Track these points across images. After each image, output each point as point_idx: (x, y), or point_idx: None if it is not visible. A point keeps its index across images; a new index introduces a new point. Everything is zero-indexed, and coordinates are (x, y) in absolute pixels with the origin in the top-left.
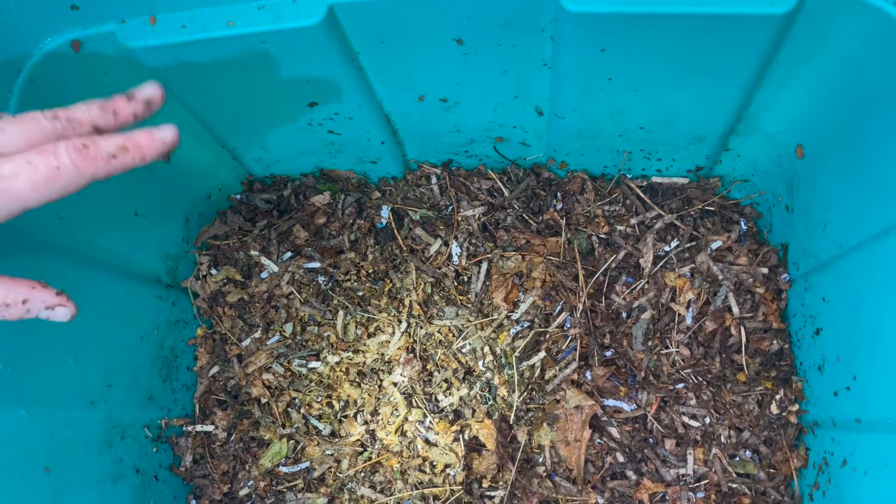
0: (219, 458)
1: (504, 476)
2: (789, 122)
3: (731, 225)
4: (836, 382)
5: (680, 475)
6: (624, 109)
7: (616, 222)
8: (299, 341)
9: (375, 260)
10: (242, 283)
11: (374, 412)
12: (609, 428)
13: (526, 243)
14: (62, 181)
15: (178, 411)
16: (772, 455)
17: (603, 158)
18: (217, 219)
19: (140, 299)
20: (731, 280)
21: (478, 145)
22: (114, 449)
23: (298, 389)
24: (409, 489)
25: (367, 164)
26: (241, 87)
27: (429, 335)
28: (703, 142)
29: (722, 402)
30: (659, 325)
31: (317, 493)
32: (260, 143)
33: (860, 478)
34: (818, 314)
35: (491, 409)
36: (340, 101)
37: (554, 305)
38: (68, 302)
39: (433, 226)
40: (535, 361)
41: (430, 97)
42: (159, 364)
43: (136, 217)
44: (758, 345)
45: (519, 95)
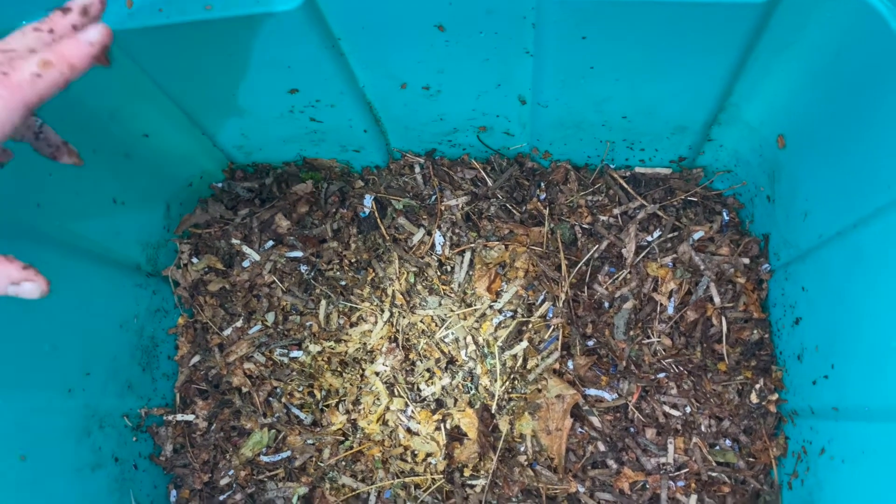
0: (199, 447)
1: (485, 465)
2: (771, 112)
3: (714, 215)
4: (815, 371)
5: (660, 464)
6: (606, 98)
7: (599, 212)
8: (281, 331)
9: (358, 249)
10: (224, 271)
11: (356, 401)
12: (590, 417)
13: (509, 233)
14: None
15: (158, 400)
16: (751, 444)
17: (586, 148)
18: (198, 207)
19: (119, 287)
20: (712, 270)
21: (461, 134)
22: (92, 437)
23: (280, 379)
24: (391, 478)
25: (350, 153)
26: (220, 73)
27: (411, 325)
28: (686, 132)
29: (702, 391)
30: (641, 315)
31: (298, 483)
32: (241, 131)
33: (838, 466)
34: (798, 304)
35: (473, 399)
36: (322, 88)
37: (537, 295)
38: (37, 276)
39: (416, 215)
40: (518, 351)
41: (413, 85)
42: (139, 353)
43: (114, 204)
44: (738, 334)
45: (502, 84)
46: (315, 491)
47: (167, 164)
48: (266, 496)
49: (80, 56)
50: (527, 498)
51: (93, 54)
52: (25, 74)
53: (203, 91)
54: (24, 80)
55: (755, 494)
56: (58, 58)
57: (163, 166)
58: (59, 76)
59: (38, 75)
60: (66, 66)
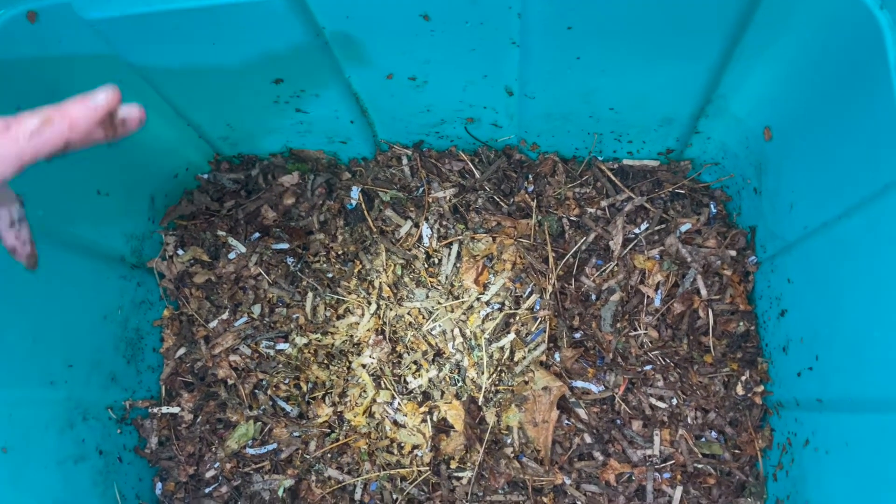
0: (185, 439)
1: (472, 457)
2: (757, 104)
3: (701, 208)
4: (800, 363)
5: (646, 456)
6: (593, 90)
7: (587, 205)
8: (267, 323)
9: (345, 241)
10: (209, 263)
11: (343, 394)
12: (577, 409)
13: (497, 225)
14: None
15: (142, 393)
16: (737, 436)
17: (574, 140)
18: (184, 198)
19: (103, 278)
20: (699, 263)
21: (449, 126)
22: (75, 429)
23: (266, 371)
24: (377, 470)
25: (336, 145)
26: (204, 63)
27: (398, 317)
28: (673, 124)
29: (689, 383)
30: (628, 308)
31: (283, 475)
32: (226, 121)
33: (822, 457)
34: (783, 296)
35: (460, 391)
36: (307, 77)
37: (524, 287)
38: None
39: (404, 207)
40: (505, 343)
41: (399, 75)
42: (123, 345)
43: (98, 195)
44: (725, 326)
45: (488, 75)
46: (301, 483)
47: (152, 155)
48: (252, 488)
49: (83, 116)
50: (513, 490)
51: (96, 118)
52: (25, 129)
53: (187, 81)
54: (22, 134)
55: (741, 486)
56: (60, 116)
57: (147, 157)
58: (59, 135)
59: (38, 132)
60: (66, 124)
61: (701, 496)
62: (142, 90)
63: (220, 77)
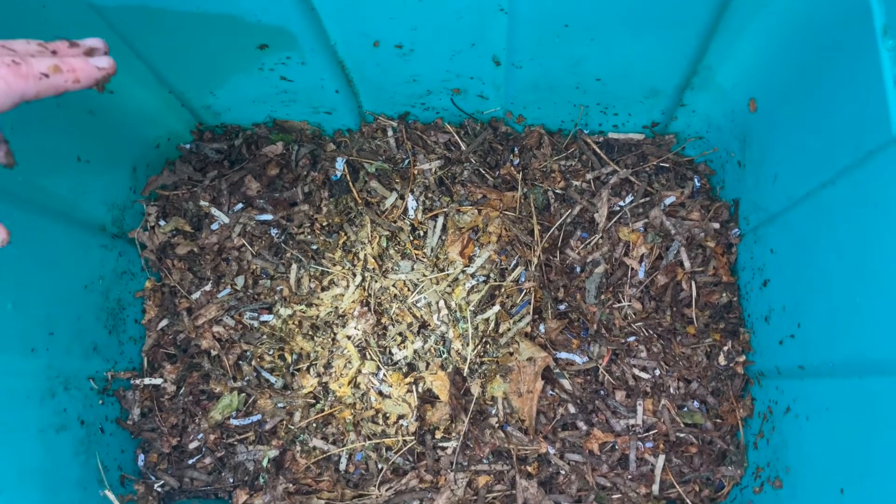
0: (168, 411)
1: (457, 427)
2: (743, 75)
3: (685, 181)
4: (782, 331)
5: (629, 425)
6: (581, 59)
7: (572, 177)
8: (251, 294)
9: (330, 213)
10: (192, 234)
11: (328, 365)
12: (561, 380)
13: (482, 198)
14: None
15: (124, 364)
16: (719, 405)
17: (560, 112)
18: (165, 168)
19: (84, 247)
20: (683, 235)
21: (435, 97)
22: (57, 399)
23: (250, 342)
24: (362, 440)
25: (321, 115)
26: (187, 25)
27: (384, 289)
28: (659, 95)
29: (672, 354)
30: (612, 280)
31: (268, 446)
32: (209, 89)
33: (802, 423)
34: (766, 266)
35: (445, 362)
36: (292, 44)
37: (509, 260)
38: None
39: (389, 179)
40: (490, 315)
41: (386, 43)
42: (104, 315)
43: (79, 162)
44: (707, 298)
45: (476, 43)
46: (286, 454)
47: (133, 122)
48: (236, 459)
49: (86, 74)
50: (497, 459)
51: (97, 77)
52: (35, 70)
53: (169, 44)
54: (32, 75)
55: (722, 455)
56: (67, 68)
57: (128, 125)
58: (62, 83)
59: (46, 76)
60: (71, 77)
61: (683, 464)
62: (123, 53)
63: (205, 41)
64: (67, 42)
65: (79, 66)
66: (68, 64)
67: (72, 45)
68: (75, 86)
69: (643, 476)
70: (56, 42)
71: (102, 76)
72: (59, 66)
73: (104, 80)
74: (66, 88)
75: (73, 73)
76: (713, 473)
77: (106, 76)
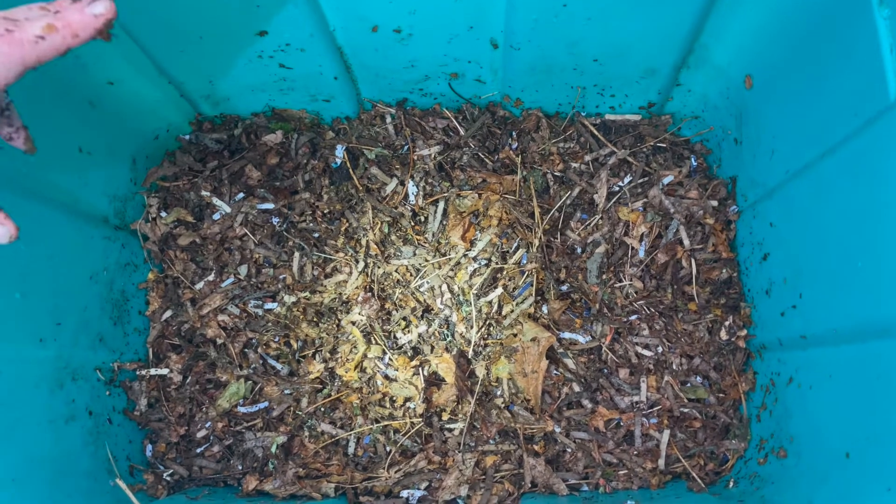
0: (174, 400)
1: (463, 408)
2: (739, 52)
3: (682, 161)
4: (783, 303)
5: (634, 402)
6: (578, 40)
7: (570, 159)
8: (254, 283)
9: (331, 200)
10: (194, 224)
11: (333, 350)
12: (565, 359)
13: (482, 182)
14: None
15: (130, 355)
16: (721, 380)
17: (557, 95)
18: (165, 159)
19: (88, 238)
20: (682, 213)
21: (433, 82)
22: (65, 389)
23: (255, 330)
24: (370, 423)
25: (319, 103)
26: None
27: (386, 274)
28: (656, 75)
29: (673, 331)
30: (613, 259)
31: (276, 432)
32: (208, 78)
33: (805, 393)
34: (766, 240)
35: (450, 345)
36: (291, 30)
37: (510, 242)
38: (6, 220)
39: (389, 165)
40: (493, 298)
41: (384, 27)
42: (109, 306)
43: (80, 153)
44: (708, 274)
45: (474, 26)
46: (294, 439)
47: (132, 114)
48: (244, 446)
49: (83, 26)
50: (504, 439)
51: (96, 26)
52: (29, 35)
53: (169, 33)
54: (26, 40)
55: (725, 428)
56: (63, 24)
57: (128, 117)
58: (61, 42)
59: (42, 37)
60: (69, 33)
61: (687, 439)
62: (123, 43)
63: (204, 28)
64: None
65: (74, 20)
66: (63, 20)
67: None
68: (76, 41)
69: (648, 451)
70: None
71: (102, 23)
72: (52, 24)
73: (106, 27)
74: (67, 46)
75: (70, 28)
76: (717, 447)
77: (106, 22)
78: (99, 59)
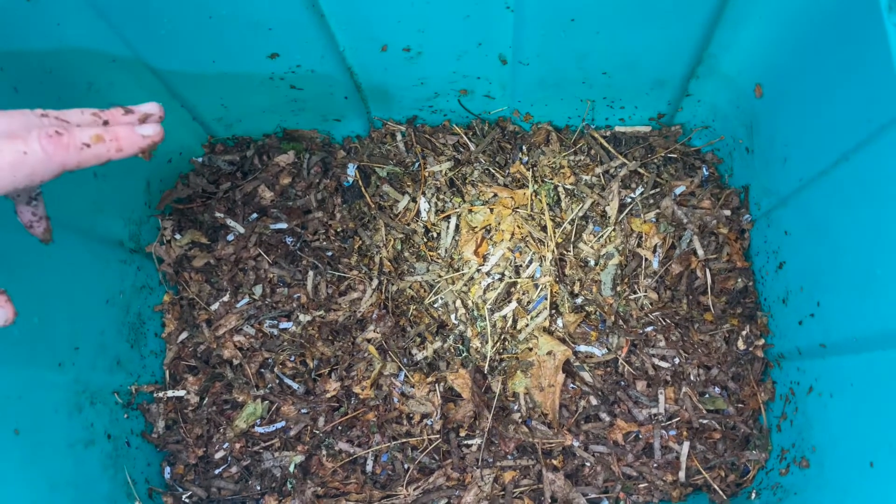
0: (192, 422)
1: (480, 424)
2: (748, 61)
3: (694, 171)
4: (801, 311)
5: (652, 414)
6: (587, 53)
7: (581, 172)
8: (269, 303)
9: (343, 218)
10: (208, 246)
11: (349, 368)
12: (581, 373)
13: (493, 196)
14: (27, 168)
15: (147, 377)
16: (740, 390)
17: (567, 109)
18: (179, 182)
19: (104, 262)
20: (695, 223)
21: (442, 99)
22: (84, 413)
23: (271, 350)
24: (387, 441)
25: (330, 123)
26: (200, 37)
27: (400, 291)
28: (665, 86)
29: (690, 342)
30: (627, 271)
31: (294, 451)
32: (221, 101)
33: (826, 401)
34: (781, 248)
35: (465, 361)
36: (302, 52)
37: (523, 256)
38: (6, 304)
39: (400, 182)
40: (507, 312)
41: (393, 46)
42: (126, 329)
43: (95, 178)
44: (723, 284)
45: (483, 42)
46: (312, 458)
47: None
48: (262, 466)
49: (130, 143)
50: (522, 454)
51: (142, 146)
52: (77, 141)
53: (184, 58)
54: (73, 145)
55: (745, 439)
56: (111, 137)
57: None
58: (105, 153)
59: (87, 145)
60: (114, 146)
61: (707, 451)
62: (136, 69)
63: (217, 53)
64: (122, 109)
65: (123, 135)
66: (112, 133)
67: (126, 111)
68: (118, 154)
69: (668, 464)
70: (111, 110)
71: (147, 144)
72: (101, 135)
73: (150, 149)
74: (108, 157)
75: (117, 143)
76: (738, 458)
77: (152, 144)
78: (112, 84)
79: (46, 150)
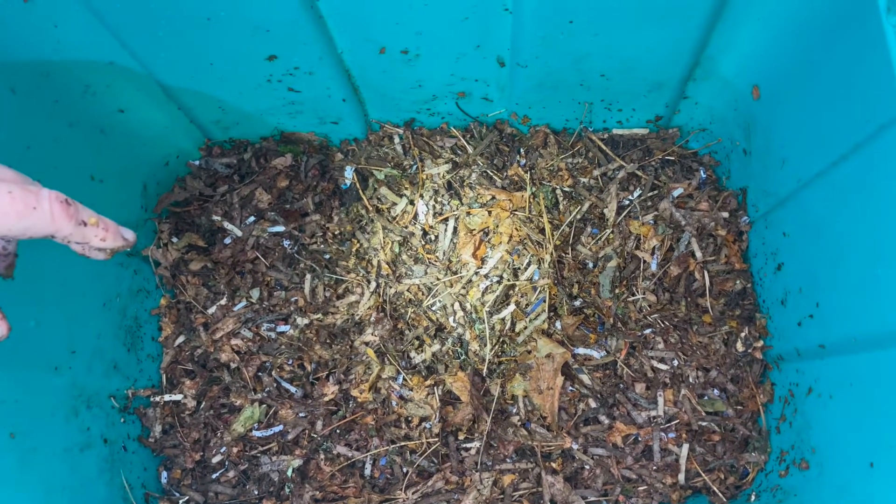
0: (189, 426)
1: (479, 427)
2: (745, 63)
3: (691, 173)
4: (800, 312)
5: (651, 417)
6: (585, 56)
7: (579, 175)
8: (267, 306)
9: (341, 221)
10: (205, 249)
11: (347, 372)
12: (580, 375)
13: (491, 199)
14: (28, 222)
15: (144, 381)
16: (739, 392)
17: (565, 111)
18: (176, 185)
19: (101, 265)
20: (693, 225)
21: (440, 102)
22: (80, 417)
23: (268, 353)
24: (386, 444)
25: (328, 125)
26: (197, 39)
27: (398, 294)
28: (662, 88)
29: (689, 344)
30: (625, 273)
31: (291, 455)
32: (218, 103)
33: (826, 402)
34: (779, 250)
35: (464, 364)
36: (300, 53)
37: (522, 259)
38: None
39: (398, 185)
40: (506, 314)
41: (391, 49)
42: (123, 333)
43: (92, 181)
44: (721, 286)
45: (481, 45)
46: (310, 462)
47: (143, 141)
48: (260, 471)
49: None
50: (521, 457)
51: (119, 245)
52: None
53: (181, 60)
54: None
55: (744, 441)
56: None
57: (138, 144)
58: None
59: (84, 224)
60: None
61: (706, 453)
62: (133, 72)
63: (215, 55)
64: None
65: (111, 230)
66: (105, 223)
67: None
68: (100, 243)
69: (668, 466)
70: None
71: (120, 245)
72: (98, 222)
73: (119, 250)
74: (90, 242)
75: (105, 232)
76: (737, 460)
77: (124, 246)
78: (109, 87)
79: (53, 214)
